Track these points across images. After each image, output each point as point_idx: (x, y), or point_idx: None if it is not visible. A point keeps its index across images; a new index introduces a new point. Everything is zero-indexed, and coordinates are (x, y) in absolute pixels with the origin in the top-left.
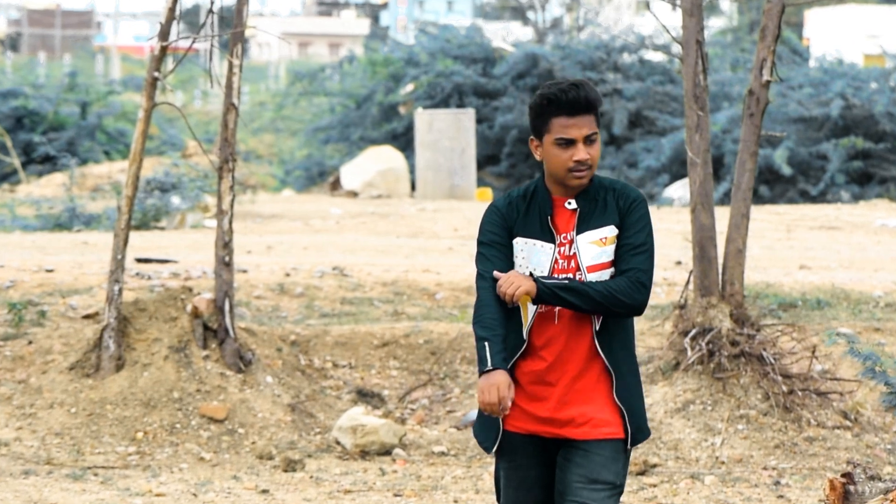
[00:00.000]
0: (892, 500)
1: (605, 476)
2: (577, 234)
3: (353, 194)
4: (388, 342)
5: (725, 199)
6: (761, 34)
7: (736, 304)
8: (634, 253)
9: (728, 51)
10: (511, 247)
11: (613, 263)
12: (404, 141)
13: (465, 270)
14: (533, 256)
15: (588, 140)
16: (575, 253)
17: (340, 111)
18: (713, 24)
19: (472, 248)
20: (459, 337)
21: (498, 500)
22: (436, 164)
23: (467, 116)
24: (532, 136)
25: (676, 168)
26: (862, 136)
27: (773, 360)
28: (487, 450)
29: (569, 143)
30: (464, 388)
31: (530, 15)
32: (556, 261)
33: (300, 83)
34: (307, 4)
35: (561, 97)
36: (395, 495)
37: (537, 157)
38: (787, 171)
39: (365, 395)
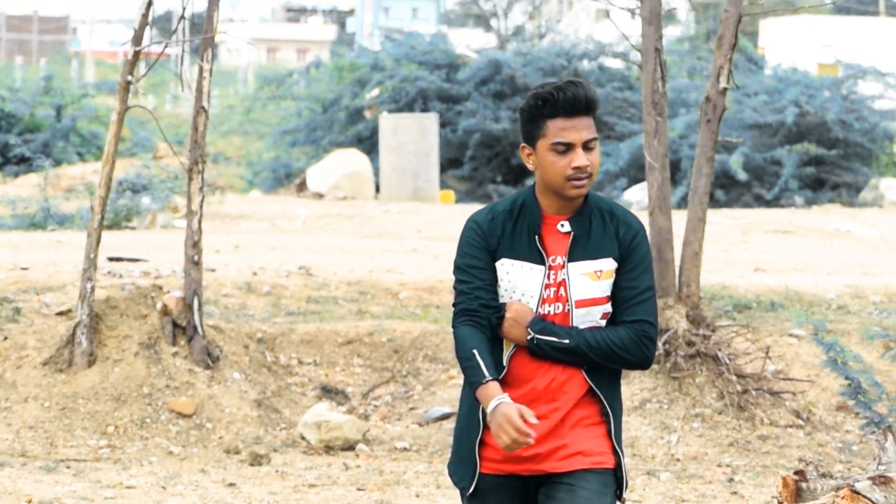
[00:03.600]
0: (842, 497)
1: None
2: (569, 261)
3: (319, 196)
4: (352, 340)
5: (682, 203)
6: (718, 43)
7: (692, 305)
8: (640, 300)
9: (685, 59)
10: (493, 271)
11: (609, 300)
12: (369, 144)
13: (428, 271)
14: (520, 281)
15: (587, 146)
16: (564, 281)
17: (307, 115)
18: (671, 33)
19: (436, 249)
20: (422, 336)
21: None
22: (400, 166)
23: (431, 121)
24: (523, 143)
25: (634, 172)
26: (815, 142)
27: (727, 361)
28: (464, 490)
29: (567, 147)
30: (426, 386)
31: (493, 22)
32: (546, 286)
33: (268, 87)
34: (276, 11)
35: (557, 96)
36: (359, 489)
37: (530, 167)
38: (742, 176)
39: (329, 392)
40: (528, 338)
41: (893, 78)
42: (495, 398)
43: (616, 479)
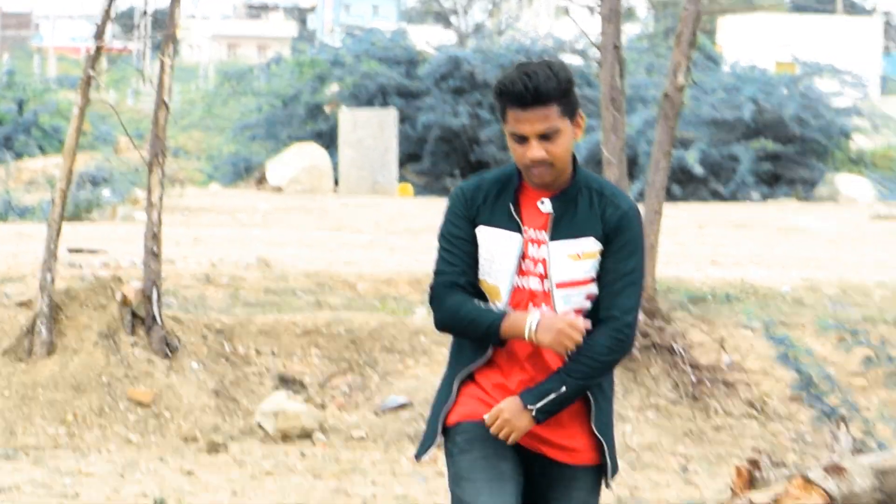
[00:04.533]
0: (795, 486)
1: None
2: (551, 240)
3: (279, 189)
4: (310, 331)
5: (639, 198)
6: (677, 40)
7: (647, 297)
8: (621, 286)
9: (644, 56)
10: (473, 241)
11: (593, 281)
12: (329, 139)
13: (385, 264)
14: (497, 250)
15: (544, 136)
16: (545, 258)
17: (267, 110)
18: (630, 30)
19: (394, 242)
20: (379, 327)
21: None
22: (359, 161)
23: (390, 116)
24: (502, 120)
25: (592, 167)
26: (772, 138)
27: (682, 352)
28: (417, 457)
29: (521, 138)
30: (382, 376)
31: (453, 20)
32: (524, 256)
33: (229, 83)
34: (237, 7)
35: (509, 88)
36: (315, 477)
37: (508, 144)
38: (699, 171)
39: (287, 382)
40: (533, 416)
41: (850, 75)
42: (529, 315)
43: (600, 475)
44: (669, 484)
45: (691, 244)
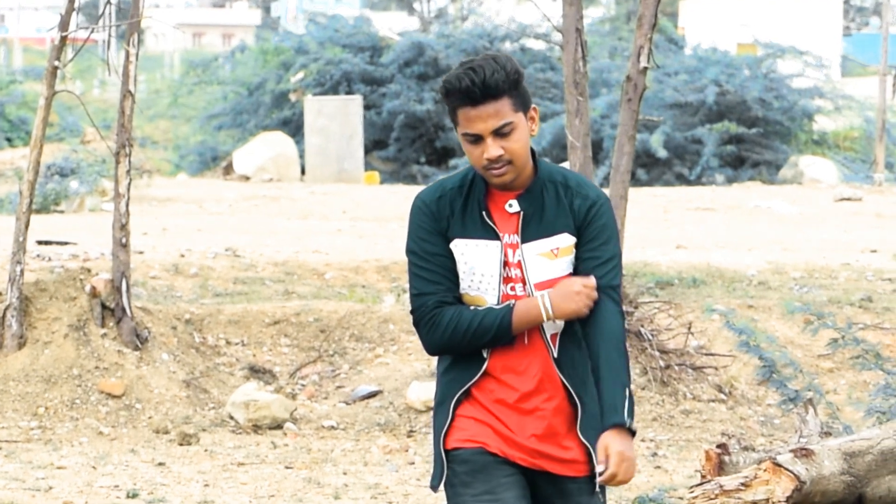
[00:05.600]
0: (765, 470)
1: None
2: (523, 241)
3: (246, 178)
4: (279, 320)
5: (604, 182)
6: (638, 23)
7: None
8: (603, 272)
9: (606, 39)
10: (450, 255)
11: (572, 276)
12: (294, 127)
13: (353, 251)
14: (478, 261)
15: (499, 133)
16: (520, 261)
17: (233, 99)
18: (592, 14)
19: (361, 230)
20: (348, 315)
21: None
22: (325, 149)
23: (355, 103)
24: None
25: (557, 152)
26: (735, 121)
27: (650, 337)
28: (433, 487)
29: (476, 138)
30: (352, 365)
31: (416, 5)
32: (506, 264)
33: (194, 72)
34: None
35: (456, 86)
36: (287, 468)
37: (463, 148)
38: (663, 154)
39: (257, 372)
40: (632, 430)
41: (812, 56)
42: (536, 298)
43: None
44: (639, 469)
45: (657, 228)
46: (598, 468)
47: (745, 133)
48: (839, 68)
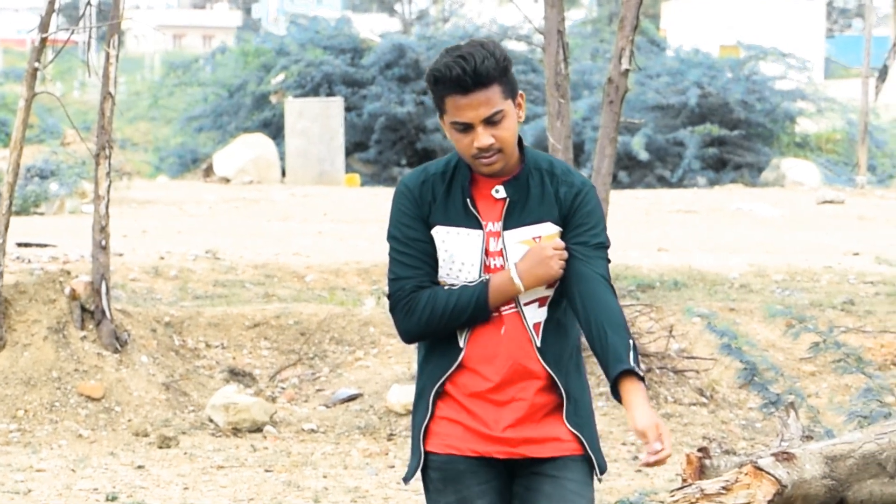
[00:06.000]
0: (746, 474)
1: None
2: (505, 229)
3: (226, 180)
4: (259, 323)
5: None
6: (620, 24)
7: None
8: (594, 257)
9: (588, 41)
10: (431, 241)
11: None
12: (275, 129)
13: (334, 254)
14: (458, 249)
15: (489, 121)
16: (502, 249)
17: (213, 100)
18: (574, 16)
19: (342, 232)
20: (328, 318)
21: None
22: (306, 150)
23: (336, 105)
24: (438, 113)
25: None
26: (717, 123)
27: None
28: (412, 470)
29: (466, 126)
30: (332, 368)
31: (397, 7)
32: (487, 253)
33: (174, 74)
34: None
35: (446, 74)
36: (266, 471)
37: (449, 137)
38: (644, 156)
39: (237, 375)
40: (643, 377)
41: (794, 58)
42: (508, 270)
43: (590, 467)
44: (620, 473)
45: (638, 231)
46: (655, 446)
47: (727, 135)
48: (822, 70)
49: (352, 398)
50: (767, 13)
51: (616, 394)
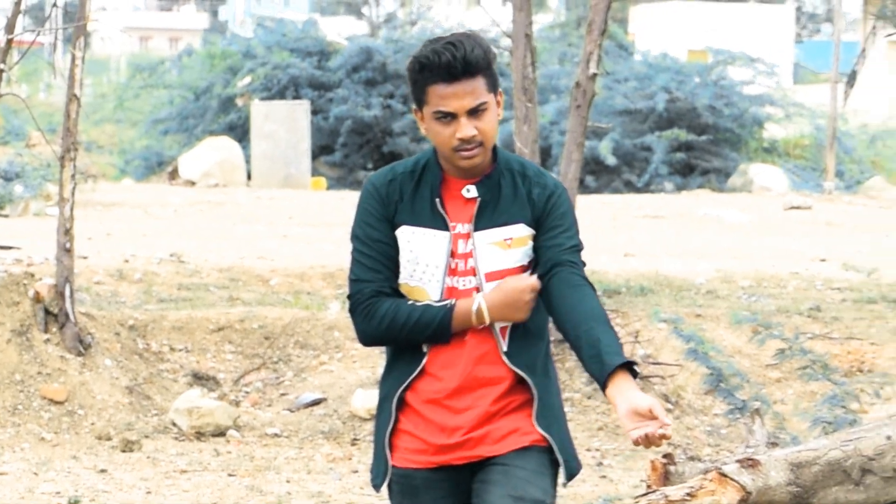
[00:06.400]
0: (710, 480)
1: (531, 493)
2: (476, 230)
3: (191, 183)
4: (223, 327)
5: None
6: (588, 28)
7: None
8: (569, 258)
9: (556, 45)
10: (394, 244)
11: (525, 269)
12: (241, 132)
13: (299, 258)
14: (423, 250)
15: (473, 112)
16: (471, 251)
17: (179, 103)
18: (542, 20)
19: (308, 235)
20: (293, 322)
21: None
22: (271, 154)
23: (302, 108)
24: (414, 106)
25: None
26: (685, 128)
27: None
28: (377, 487)
29: (449, 116)
30: (297, 372)
31: (365, 10)
32: (453, 255)
33: (140, 76)
34: None
35: (434, 60)
36: (230, 475)
37: (423, 131)
38: (611, 161)
39: (201, 378)
40: (637, 370)
41: (763, 63)
42: (474, 297)
43: (552, 461)
44: (584, 479)
45: (605, 236)
46: (666, 419)
47: (695, 140)
48: (791, 75)
49: (316, 403)
50: (736, 18)
51: (605, 388)
